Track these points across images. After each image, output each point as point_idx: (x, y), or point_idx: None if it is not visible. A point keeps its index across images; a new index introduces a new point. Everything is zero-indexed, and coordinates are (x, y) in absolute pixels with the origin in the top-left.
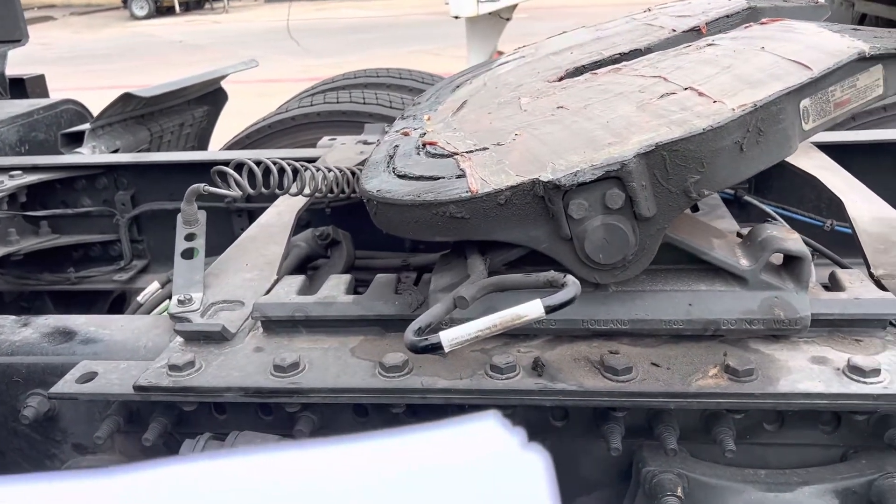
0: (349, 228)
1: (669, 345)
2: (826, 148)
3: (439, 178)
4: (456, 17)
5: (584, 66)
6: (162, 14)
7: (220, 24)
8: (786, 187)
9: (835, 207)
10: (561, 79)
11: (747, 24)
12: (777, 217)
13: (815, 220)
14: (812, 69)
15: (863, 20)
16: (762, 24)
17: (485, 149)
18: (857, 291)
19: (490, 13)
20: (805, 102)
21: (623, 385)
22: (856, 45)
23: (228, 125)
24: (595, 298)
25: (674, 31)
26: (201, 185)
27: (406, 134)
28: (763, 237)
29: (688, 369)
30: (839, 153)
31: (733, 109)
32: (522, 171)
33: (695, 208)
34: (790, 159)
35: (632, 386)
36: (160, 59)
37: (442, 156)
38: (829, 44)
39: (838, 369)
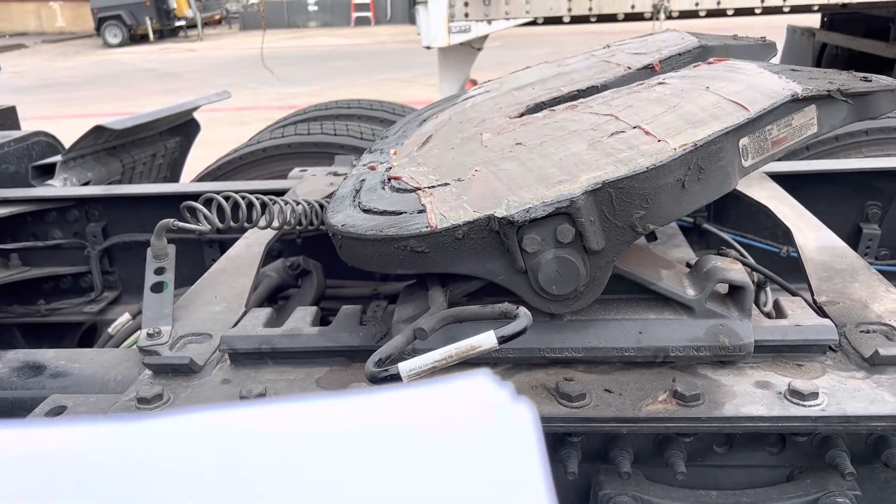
0: (320, 258)
1: (622, 371)
2: (779, 178)
3: (402, 213)
4: (427, 48)
5: (543, 102)
6: (135, 42)
7: (195, 52)
8: (743, 215)
9: (789, 235)
10: (521, 115)
11: (696, 63)
12: (735, 244)
13: (772, 246)
14: (749, 109)
15: (823, 50)
16: (709, 63)
17: (446, 184)
18: (799, 318)
19: (461, 43)
20: (744, 141)
21: (577, 411)
22: (790, 87)
23: (204, 154)
24: (550, 328)
25: (629, 68)
26: (171, 220)
27: (373, 168)
28: (708, 268)
29: (639, 395)
30: (791, 182)
31: (675, 149)
32: (479, 206)
33: (653, 237)
34: (744, 189)
35: (585, 412)
36: (134, 87)
37: (405, 190)
38: (767, 85)
39: (780, 393)
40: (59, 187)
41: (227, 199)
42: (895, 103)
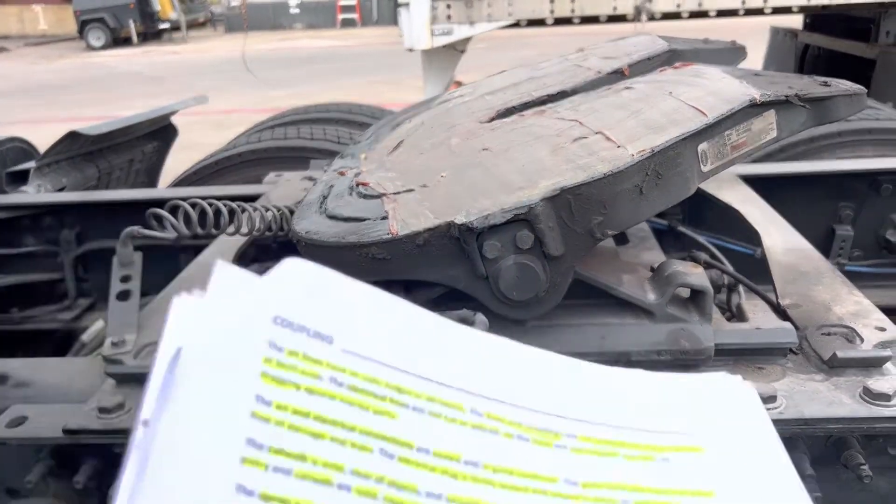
0: None
1: None
2: (752, 180)
3: (365, 220)
4: (410, 50)
5: (514, 106)
6: (119, 45)
7: (179, 54)
8: (718, 217)
9: (758, 237)
10: (491, 119)
11: (664, 68)
12: (709, 247)
13: (746, 248)
14: (708, 115)
15: (806, 51)
16: (675, 68)
17: (411, 190)
18: (759, 321)
19: (444, 45)
20: (703, 146)
21: None
22: (749, 92)
23: (185, 158)
24: (513, 334)
25: (599, 72)
26: (136, 228)
27: (342, 174)
28: (669, 272)
29: None
30: (765, 185)
31: (633, 155)
32: (441, 213)
33: (625, 240)
34: (715, 192)
35: None
36: (117, 91)
37: (372, 196)
38: (728, 90)
39: None
40: (32, 194)
41: (193, 206)
42: (853, 107)
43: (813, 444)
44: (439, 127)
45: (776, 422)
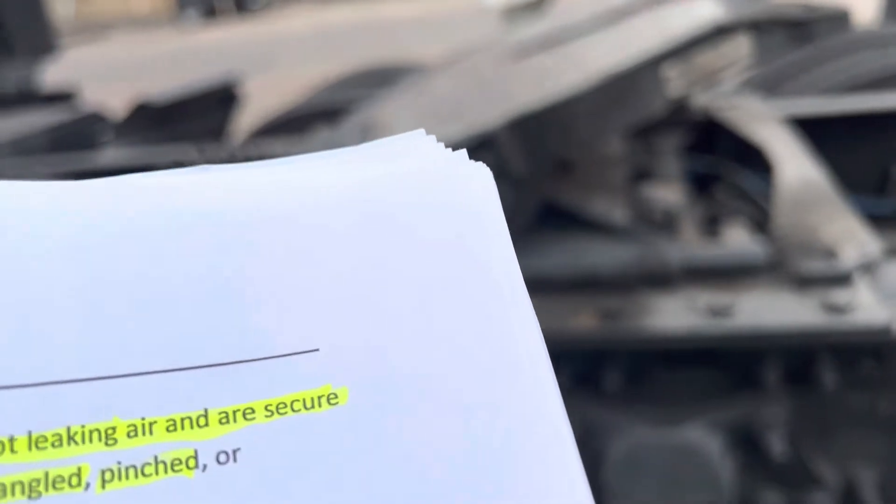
0: None
1: (555, 295)
2: (800, 120)
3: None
4: (488, 9)
5: (529, 49)
6: (215, 22)
7: (275, 29)
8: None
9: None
10: (508, 64)
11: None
12: (747, 188)
13: None
14: (672, 39)
15: None
16: None
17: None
18: (732, 240)
19: (527, 3)
20: (667, 69)
21: None
22: (717, 16)
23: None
24: None
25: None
26: None
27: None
28: (641, 193)
29: (567, 314)
30: (813, 125)
31: (591, 78)
32: None
33: (646, 176)
34: (749, 132)
35: None
36: (214, 69)
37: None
38: (703, 14)
39: (701, 310)
40: (110, 156)
41: None
42: (836, 28)
43: (782, 359)
44: (462, 74)
45: (732, 336)
